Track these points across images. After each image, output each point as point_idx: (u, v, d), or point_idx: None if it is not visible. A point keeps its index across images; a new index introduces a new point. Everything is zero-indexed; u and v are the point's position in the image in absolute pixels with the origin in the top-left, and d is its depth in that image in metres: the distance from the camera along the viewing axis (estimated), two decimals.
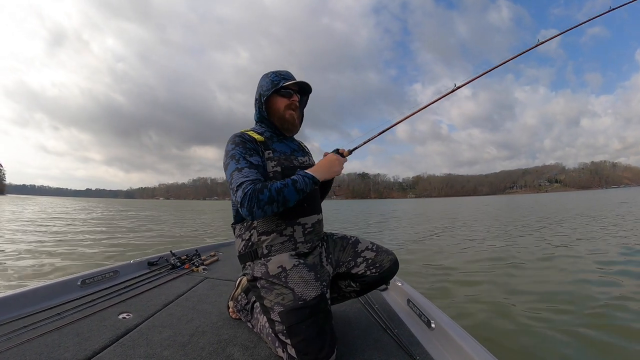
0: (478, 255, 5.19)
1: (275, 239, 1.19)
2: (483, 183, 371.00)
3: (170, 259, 2.37)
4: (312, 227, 1.26)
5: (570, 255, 4.88)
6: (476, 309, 2.74)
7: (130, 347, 1.16)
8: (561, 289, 3.24)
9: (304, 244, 1.23)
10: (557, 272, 3.99)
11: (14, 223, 11.19)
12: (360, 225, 12.40)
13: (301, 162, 1.30)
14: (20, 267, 4.31)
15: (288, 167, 1.23)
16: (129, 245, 6.64)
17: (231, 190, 1.11)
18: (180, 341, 1.22)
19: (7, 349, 1.08)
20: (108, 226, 10.71)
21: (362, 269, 1.34)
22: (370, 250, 1.38)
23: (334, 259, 1.35)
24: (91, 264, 4.41)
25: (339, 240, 1.40)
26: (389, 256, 1.38)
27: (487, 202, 44.49)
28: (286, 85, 1.29)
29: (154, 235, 8.66)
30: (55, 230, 9.17)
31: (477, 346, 1.09)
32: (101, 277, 1.86)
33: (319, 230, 1.31)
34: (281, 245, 1.19)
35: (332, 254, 1.35)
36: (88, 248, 6.04)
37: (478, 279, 3.76)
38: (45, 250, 5.72)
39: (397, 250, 5.98)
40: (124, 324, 1.33)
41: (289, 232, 1.20)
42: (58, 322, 1.31)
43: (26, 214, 16.75)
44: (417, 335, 1.33)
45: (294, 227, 1.21)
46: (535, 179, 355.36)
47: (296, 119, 1.33)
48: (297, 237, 1.21)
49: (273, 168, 1.20)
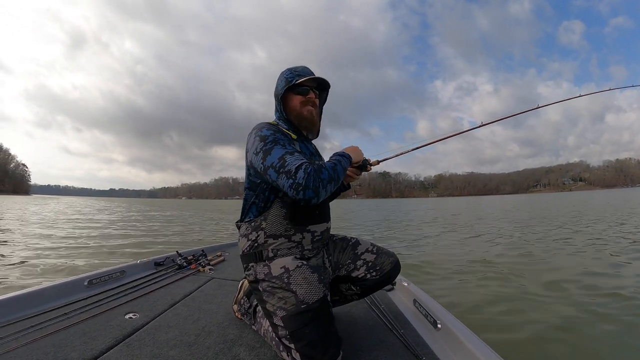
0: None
1: (283, 244, 1.15)
2: (506, 182, 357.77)
3: (177, 259, 2.38)
4: (321, 235, 1.23)
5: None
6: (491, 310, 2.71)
7: (136, 346, 1.16)
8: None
9: (311, 251, 1.21)
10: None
11: (34, 219, 11.53)
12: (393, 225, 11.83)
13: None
14: (43, 264, 4.42)
15: None
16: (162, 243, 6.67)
17: (283, 174, 1.00)
18: (187, 341, 1.22)
19: (15, 349, 1.09)
20: (137, 226, 10.72)
21: (362, 272, 1.30)
22: (371, 252, 1.33)
23: (334, 261, 1.32)
24: (98, 264, 4.45)
25: (339, 241, 1.37)
26: (390, 258, 1.33)
27: (514, 201, 42.52)
28: (300, 82, 1.23)
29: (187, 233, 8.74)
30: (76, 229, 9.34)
31: (484, 347, 1.08)
32: (108, 277, 1.87)
33: (326, 238, 1.29)
34: (288, 251, 1.16)
35: (332, 256, 1.33)
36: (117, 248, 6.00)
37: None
38: (74, 246, 5.82)
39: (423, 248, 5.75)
40: (131, 324, 1.34)
41: (297, 238, 1.17)
42: (65, 322, 1.32)
43: (46, 213, 16.83)
44: (423, 335, 1.32)
45: (303, 234, 1.18)
46: (559, 178, 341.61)
47: (315, 116, 1.27)
48: (305, 244, 1.18)
49: None
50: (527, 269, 4.06)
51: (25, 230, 8.50)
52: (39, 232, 7.99)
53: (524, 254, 5.04)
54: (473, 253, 5.26)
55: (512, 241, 6.41)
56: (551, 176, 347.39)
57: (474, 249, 5.64)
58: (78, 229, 9.19)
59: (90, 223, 11.25)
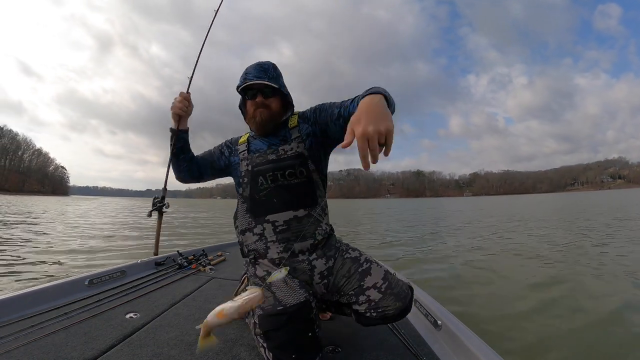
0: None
1: (249, 238, 1.21)
2: (542, 180, 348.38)
3: (177, 259, 2.38)
4: (286, 225, 1.16)
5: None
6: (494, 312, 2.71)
7: (137, 346, 1.16)
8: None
9: (276, 243, 1.16)
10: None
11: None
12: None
13: (279, 154, 1.21)
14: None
15: (259, 164, 1.22)
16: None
17: None
18: (187, 341, 1.22)
19: (15, 348, 1.09)
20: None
21: (362, 308, 1.11)
22: (378, 290, 1.10)
23: (333, 283, 1.16)
24: (98, 263, 4.46)
25: (348, 262, 1.17)
26: (397, 303, 1.09)
27: (565, 199, 40.09)
28: (242, 88, 1.23)
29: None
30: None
31: (485, 347, 1.07)
32: (108, 277, 1.87)
33: (299, 230, 1.15)
34: (254, 245, 1.20)
35: (334, 277, 1.16)
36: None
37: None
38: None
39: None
40: (131, 324, 1.34)
41: (259, 230, 1.19)
42: (65, 322, 1.32)
43: (92, 215, 16.66)
44: (423, 335, 1.32)
45: (264, 225, 1.17)
46: (597, 175, 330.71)
47: (265, 118, 1.23)
48: (267, 235, 1.17)
49: (245, 167, 1.26)
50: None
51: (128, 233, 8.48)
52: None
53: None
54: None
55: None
56: (589, 174, 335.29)
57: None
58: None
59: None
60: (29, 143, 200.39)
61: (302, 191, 1.19)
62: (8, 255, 4.89)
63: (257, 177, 1.21)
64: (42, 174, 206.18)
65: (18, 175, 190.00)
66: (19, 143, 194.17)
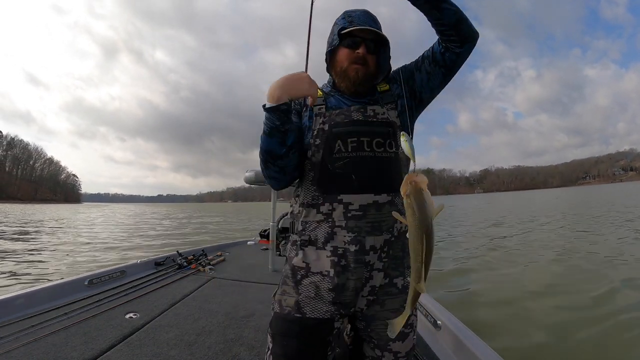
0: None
1: (312, 216, 0.93)
2: (553, 174, 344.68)
3: (177, 259, 2.38)
4: (362, 212, 0.90)
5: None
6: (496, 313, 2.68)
7: (137, 346, 1.16)
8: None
9: (344, 230, 0.90)
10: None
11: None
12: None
13: (368, 115, 0.95)
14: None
15: (339, 123, 0.93)
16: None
17: None
18: (187, 340, 1.22)
19: (15, 348, 1.09)
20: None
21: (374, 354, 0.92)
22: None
23: (366, 328, 0.93)
24: (98, 264, 4.46)
25: (400, 299, 0.92)
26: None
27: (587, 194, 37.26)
28: (346, 32, 0.95)
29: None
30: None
31: (484, 347, 1.07)
32: (108, 277, 1.87)
33: (376, 220, 0.90)
34: (317, 225, 0.92)
35: (372, 322, 0.92)
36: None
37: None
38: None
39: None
40: (131, 324, 1.34)
41: (326, 209, 0.91)
42: (65, 322, 1.32)
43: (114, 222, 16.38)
44: (423, 335, 1.32)
45: (333, 205, 0.91)
46: (609, 168, 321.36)
47: (361, 76, 0.96)
48: (336, 217, 0.90)
49: (320, 125, 0.94)
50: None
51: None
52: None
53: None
54: None
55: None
56: (601, 167, 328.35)
57: None
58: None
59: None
60: (40, 152, 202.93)
61: (389, 170, 0.93)
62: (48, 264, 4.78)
63: (335, 140, 0.93)
64: (53, 182, 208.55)
65: (30, 184, 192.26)
66: (30, 152, 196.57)
